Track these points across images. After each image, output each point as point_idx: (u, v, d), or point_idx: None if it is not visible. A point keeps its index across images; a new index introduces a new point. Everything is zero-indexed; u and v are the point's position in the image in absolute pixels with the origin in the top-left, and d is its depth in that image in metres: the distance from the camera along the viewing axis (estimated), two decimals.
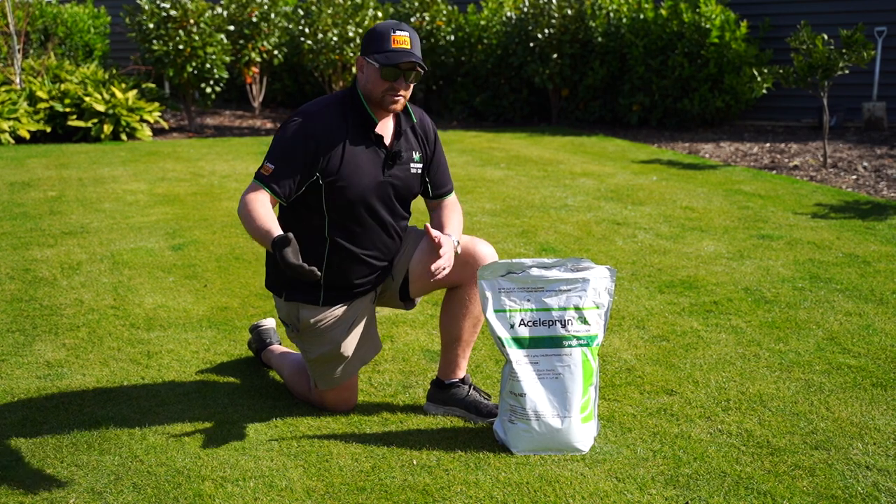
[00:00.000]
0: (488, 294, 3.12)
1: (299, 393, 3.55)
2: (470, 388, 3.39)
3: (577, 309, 3.12)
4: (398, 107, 3.22)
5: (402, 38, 3.15)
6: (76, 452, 3.11)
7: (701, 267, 5.22)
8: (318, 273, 2.85)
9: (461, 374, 3.40)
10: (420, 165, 3.36)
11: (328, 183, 3.18)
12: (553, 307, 3.11)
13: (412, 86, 3.22)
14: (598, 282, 3.15)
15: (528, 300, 3.12)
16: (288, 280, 3.34)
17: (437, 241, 3.19)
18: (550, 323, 3.11)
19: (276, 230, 3.01)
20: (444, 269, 3.15)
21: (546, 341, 3.10)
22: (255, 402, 3.53)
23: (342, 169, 3.17)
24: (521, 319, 3.11)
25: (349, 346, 3.33)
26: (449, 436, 3.23)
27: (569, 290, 3.12)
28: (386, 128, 3.29)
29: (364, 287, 3.36)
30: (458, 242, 3.30)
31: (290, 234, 2.90)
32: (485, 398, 3.40)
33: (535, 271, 3.13)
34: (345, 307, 3.33)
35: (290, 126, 3.19)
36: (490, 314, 3.11)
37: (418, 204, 3.61)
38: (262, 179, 3.15)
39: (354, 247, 3.27)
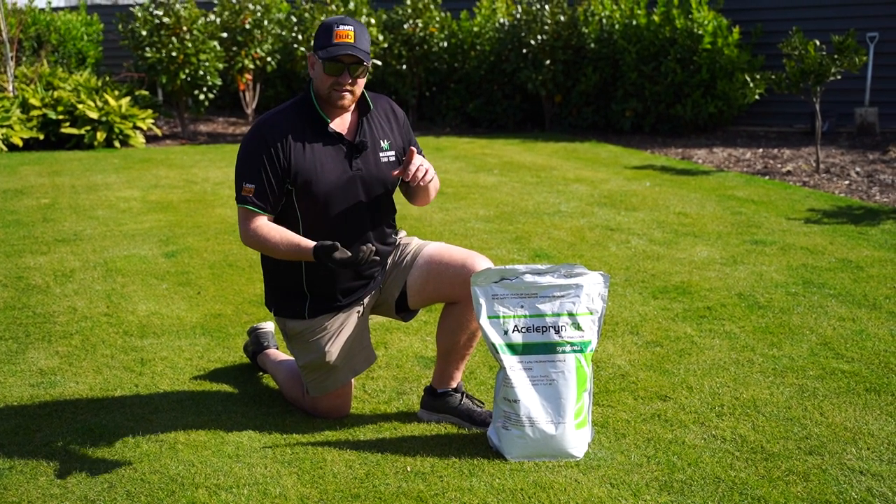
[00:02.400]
0: (482, 300, 3.11)
1: (293, 398, 3.54)
2: (463, 396, 3.39)
3: (570, 315, 3.12)
4: (346, 102, 3.20)
5: (345, 32, 3.14)
6: (69, 460, 3.10)
7: (694, 272, 5.23)
8: (373, 247, 2.97)
9: (454, 383, 3.40)
10: (392, 154, 3.33)
11: (297, 186, 3.19)
12: (546, 313, 3.11)
13: (360, 81, 3.21)
14: (592, 288, 3.15)
15: (522, 306, 3.12)
16: (275, 295, 3.38)
17: (409, 155, 3.19)
18: (544, 329, 3.11)
19: (307, 241, 3.09)
20: (418, 171, 3.13)
21: (540, 347, 3.10)
22: (249, 410, 3.52)
23: (306, 169, 3.17)
24: (515, 325, 3.11)
25: (335, 355, 3.32)
26: (443, 442, 3.22)
27: (562, 296, 3.13)
28: (344, 123, 3.28)
29: (349, 297, 3.35)
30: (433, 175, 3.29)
31: (328, 242, 2.99)
32: (478, 406, 3.40)
33: (528, 277, 3.13)
34: (330, 318, 3.33)
35: (250, 140, 3.19)
36: (483, 320, 3.11)
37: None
38: (248, 202, 3.16)
39: None
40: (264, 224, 3.16)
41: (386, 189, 3.33)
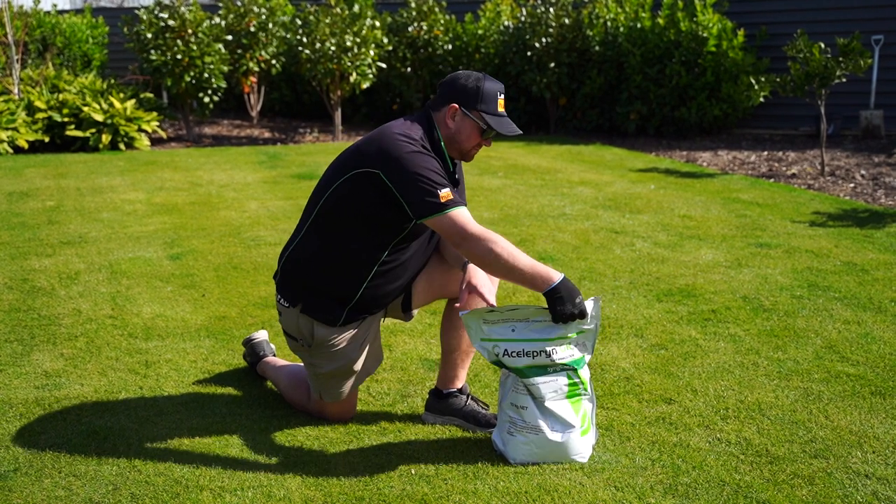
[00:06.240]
0: (472, 326, 3.10)
1: (297, 403, 3.54)
2: (468, 398, 3.39)
3: (561, 338, 3.05)
4: (472, 159, 3.29)
5: (503, 102, 3.22)
6: (74, 462, 3.10)
7: (699, 275, 5.22)
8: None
9: (459, 384, 3.40)
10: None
11: None
12: (536, 338, 3.05)
13: None
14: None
15: (513, 330, 3.07)
16: (310, 293, 3.24)
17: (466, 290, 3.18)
18: (535, 353, 3.05)
19: (552, 271, 2.99)
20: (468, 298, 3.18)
21: (532, 370, 3.07)
22: (253, 412, 3.53)
23: None
24: (506, 350, 3.07)
25: (361, 362, 3.34)
26: (447, 445, 3.22)
27: (549, 321, 3.05)
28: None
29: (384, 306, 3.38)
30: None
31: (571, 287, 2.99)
32: (483, 408, 3.40)
33: (519, 312, 3.09)
34: (359, 324, 3.32)
35: (417, 153, 3.04)
36: (476, 344, 3.11)
37: None
38: (457, 203, 3.03)
39: (399, 269, 3.26)
40: (496, 237, 3.03)
41: None
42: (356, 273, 3.20)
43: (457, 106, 3.16)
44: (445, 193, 3.02)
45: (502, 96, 3.20)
